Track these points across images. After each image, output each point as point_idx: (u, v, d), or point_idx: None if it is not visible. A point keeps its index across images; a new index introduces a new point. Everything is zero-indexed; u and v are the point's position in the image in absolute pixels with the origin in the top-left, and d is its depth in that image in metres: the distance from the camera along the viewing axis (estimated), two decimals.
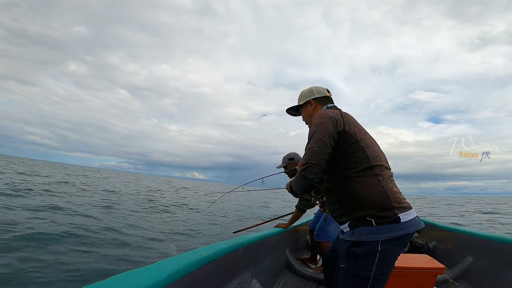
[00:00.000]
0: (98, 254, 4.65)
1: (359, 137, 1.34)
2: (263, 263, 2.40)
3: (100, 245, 5.06)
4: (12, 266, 3.56)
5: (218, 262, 1.56)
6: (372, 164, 1.30)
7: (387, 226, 1.19)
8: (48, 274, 3.51)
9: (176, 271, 1.11)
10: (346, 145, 1.32)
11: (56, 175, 24.71)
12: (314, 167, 1.27)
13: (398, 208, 1.22)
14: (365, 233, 1.21)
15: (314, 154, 1.28)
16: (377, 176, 1.28)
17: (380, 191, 1.25)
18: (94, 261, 4.29)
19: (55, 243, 4.66)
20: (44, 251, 4.25)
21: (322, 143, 1.29)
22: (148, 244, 5.65)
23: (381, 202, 1.22)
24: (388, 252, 1.21)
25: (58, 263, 3.90)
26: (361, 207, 1.24)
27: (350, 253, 1.24)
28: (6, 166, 28.45)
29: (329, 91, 1.65)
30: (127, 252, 5.01)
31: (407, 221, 1.22)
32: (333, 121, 1.35)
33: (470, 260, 2.77)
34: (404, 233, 1.20)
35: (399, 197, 1.27)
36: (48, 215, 6.83)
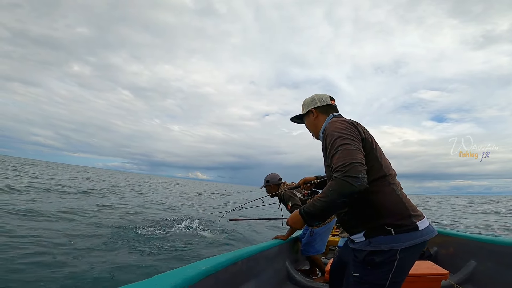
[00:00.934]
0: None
1: (374, 145, 1.32)
2: (264, 275, 2.36)
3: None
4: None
5: (217, 276, 1.52)
6: (385, 173, 1.28)
7: (407, 234, 1.19)
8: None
9: (173, 286, 1.07)
10: (367, 153, 1.26)
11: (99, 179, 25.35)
12: (362, 165, 1.14)
13: (414, 216, 1.22)
14: (384, 242, 1.19)
15: (355, 153, 1.16)
16: (391, 185, 1.27)
17: (397, 200, 1.24)
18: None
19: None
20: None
21: (356, 142, 1.21)
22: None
23: (399, 211, 1.22)
24: (406, 260, 1.21)
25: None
26: (379, 216, 1.22)
27: (368, 261, 1.22)
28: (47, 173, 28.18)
29: (332, 99, 1.59)
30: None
31: (424, 228, 1.22)
32: (355, 126, 1.31)
33: (473, 264, 2.74)
34: (422, 241, 1.20)
35: (413, 205, 1.27)
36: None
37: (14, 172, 21.66)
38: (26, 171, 25.17)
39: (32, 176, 20.30)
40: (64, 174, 31.59)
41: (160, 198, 16.86)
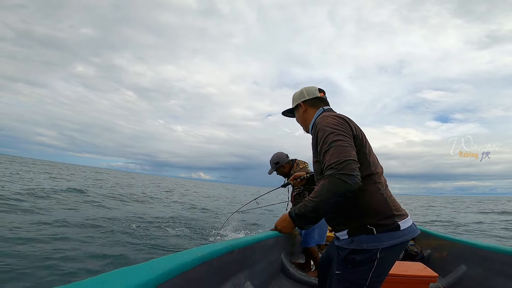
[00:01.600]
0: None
1: (363, 142, 1.28)
2: (258, 266, 2.39)
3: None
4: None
5: (212, 263, 1.54)
6: (372, 172, 1.26)
7: (388, 234, 1.18)
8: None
9: (169, 270, 1.09)
10: (357, 150, 1.23)
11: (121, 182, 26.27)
12: (355, 162, 1.11)
13: (397, 216, 1.21)
14: (366, 241, 1.19)
15: (348, 150, 1.13)
16: (377, 184, 1.25)
17: (381, 199, 1.23)
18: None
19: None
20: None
21: (348, 139, 1.18)
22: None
23: (382, 211, 1.21)
24: (386, 259, 1.20)
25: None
26: (362, 215, 1.21)
27: (349, 260, 1.22)
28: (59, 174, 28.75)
29: (321, 91, 1.53)
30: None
31: (406, 228, 1.21)
32: (346, 121, 1.27)
33: (463, 269, 2.77)
34: (403, 240, 1.20)
35: (397, 204, 1.26)
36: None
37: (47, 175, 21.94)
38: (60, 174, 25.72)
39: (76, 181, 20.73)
40: (87, 176, 32.21)
41: (194, 201, 17.00)
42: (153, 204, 13.23)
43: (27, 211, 7.18)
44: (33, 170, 28.62)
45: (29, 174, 21.47)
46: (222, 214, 11.74)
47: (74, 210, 8.24)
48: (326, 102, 1.54)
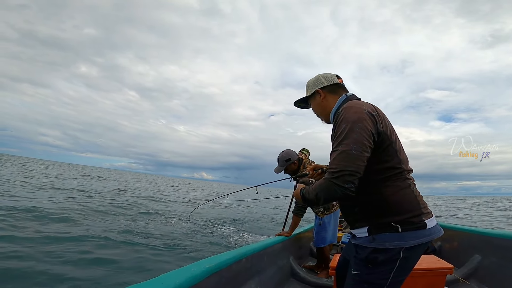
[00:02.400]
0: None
1: (393, 138, 1.20)
2: (267, 272, 2.36)
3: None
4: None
5: (221, 274, 1.53)
6: (403, 168, 1.19)
7: (413, 232, 1.12)
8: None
9: (179, 284, 1.09)
10: (382, 147, 1.16)
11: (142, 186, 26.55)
12: (352, 175, 1.07)
13: (425, 214, 1.16)
14: (389, 240, 1.12)
15: (352, 159, 1.07)
16: (408, 181, 1.19)
17: (411, 196, 1.17)
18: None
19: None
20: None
21: (362, 145, 1.09)
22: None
23: (411, 208, 1.14)
24: (409, 259, 1.15)
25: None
26: (388, 212, 1.14)
27: (370, 260, 1.15)
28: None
29: (339, 77, 1.43)
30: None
31: (432, 227, 1.16)
32: (372, 118, 1.14)
33: (478, 258, 2.74)
34: (428, 240, 1.14)
35: (425, 203, 1.21)
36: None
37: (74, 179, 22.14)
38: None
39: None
40: (115, 179, 32.64)
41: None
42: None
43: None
44: (65, 173, 29.35)
45: (82, 179, 21.98)
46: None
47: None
48: (345, 88, 1.42)
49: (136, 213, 8.95)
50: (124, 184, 23.88)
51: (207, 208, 11.74)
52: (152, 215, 9.10)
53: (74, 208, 7.96)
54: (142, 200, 12.89)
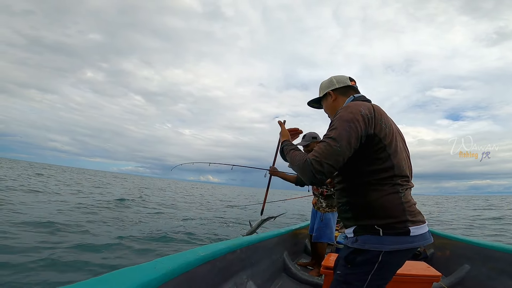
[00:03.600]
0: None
1: (388, 142, 1.18)
2: (260, 265, 2.40)
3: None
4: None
5: (215, 263, 1.56)
6: (395, 174, 1.17)
7: (394, 237, 1.11)
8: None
9: (172, 269, 1.11)
10: (373, 149, 1.17)
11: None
12: (328, 169, 1.10)
13: (410, 222, 1.14)
14: (369, 242, 1.13)
15: (333, 154, 1.10)
16: (396, 186, 1.17)
17: (397, 203, 1.15)
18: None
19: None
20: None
21: (347, 143, 1.11)
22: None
23: (394, 214, 1.13)
24: (388, 264, 1.14)
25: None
26: (373, 215, 1.15)
27: (349, 260, 1.17)
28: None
29: (352, 80, 1.47)
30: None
31: (417, 235, 1.13)
32: (365, 120, 1.16)
33: (467, 268, 2.76)
34: (410, 247, 1.13)
35: (415, 211, 1.19)
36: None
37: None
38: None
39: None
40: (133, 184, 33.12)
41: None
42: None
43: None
44: (96, 180, 30.47)
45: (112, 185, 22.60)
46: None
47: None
48: (357, 90, 1.46)
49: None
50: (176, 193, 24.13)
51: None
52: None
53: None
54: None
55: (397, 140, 1.23)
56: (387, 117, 1.25)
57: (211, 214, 10.79)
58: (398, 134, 1.27)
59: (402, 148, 1.25)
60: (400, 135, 1.30)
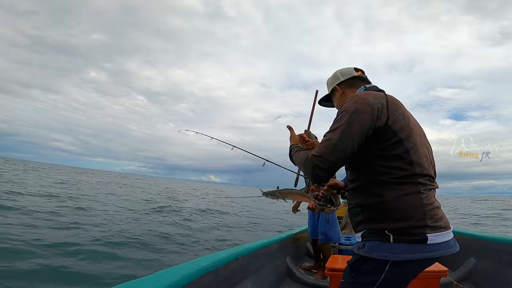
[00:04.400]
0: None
1: (405, 135, 1.04)
2: (264, 272, 2.38)
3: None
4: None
5: (218, 272, 1.54)
6: (415, 172, 1.02)
7: (407, 245, 0.96)
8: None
9: (175, 282, 1.10)
10: (386, 143, 1.03)
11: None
12: (328, 165, 1.02)
13: (430, 228, 0.97)
14: (376, 249, 0.99)
15: (334, 150, 1.02)
16: (418, 186, 1.01)
17: (416, 204, 0.99)
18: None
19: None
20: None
21: (348, 138, 1.01)
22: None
23: (412, 216, 0.98)
24: (398, 275, 1.00)
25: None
26: (386, 218, 1.01)
27: (354, 268, 1.06)
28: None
29: (358, 70, 1.35)
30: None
31: (437, 243, 0.96)
32: (373, 111, 1.03)
33: (473, 262, 2.76)
34: (427, 257, 0.97)
35: (438, 215, 1.01)
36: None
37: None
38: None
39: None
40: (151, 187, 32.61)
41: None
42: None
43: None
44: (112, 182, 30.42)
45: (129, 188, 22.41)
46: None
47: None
48: (367, 80, 1.34)
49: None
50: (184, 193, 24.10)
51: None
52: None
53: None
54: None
55: (416, 135, 1.08)
56: (404, 108, 1.11)
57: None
58: (418, 128, 1.12)
59: (422, 144, 1.10)
60: (421, 130, 1.16)
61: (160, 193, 21.82)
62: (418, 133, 1.10)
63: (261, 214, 13.40)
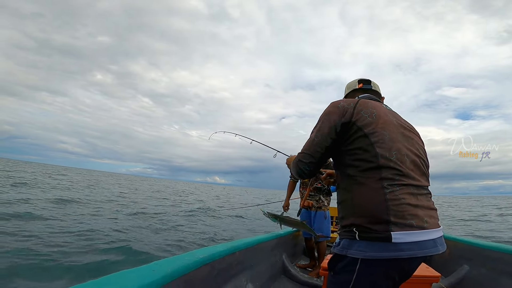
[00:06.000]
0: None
1: (369, 130, 1.06)
2: (259, 267, 2.39)
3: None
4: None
5: (213, 265, 1.55)
6: (380, 164, 1.01)
7: (370, 243, 0.94)
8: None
9: (171, 272, 1.10)
10: (350, 139, 1.09)
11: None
12: (308, 159, 1.19)
13: (396, 224, 0.93)
14: (348, 247, 1.00)
15: (311, 145, 1.19)
16: (383, 181, 0.99)
17: (377, 199, 0.97)
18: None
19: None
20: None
21: (322, 134, 1.15)
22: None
23: (372, 213, 0.96)
24: (370, 275, 0.97)
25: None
26: (352, 214, 1.02)
27: (330, 266, 1.08)
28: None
29: (361, 82, 1.43)
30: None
31: (404, 242, 0.92)
32: (340, 110, 1.14)
33: (466, 269, 2.76)
34: (392, 257, 0.92)
35: (406, 212, 0.95)
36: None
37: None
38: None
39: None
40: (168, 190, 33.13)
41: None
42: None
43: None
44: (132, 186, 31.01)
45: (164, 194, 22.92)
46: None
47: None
48: (366, 90, 1.41)
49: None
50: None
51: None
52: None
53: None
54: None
55: (388, 130, 1.08)
56: (376, 109, 1.14)
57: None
58: (393, 126, 1.12)
59: (395, 139, 1.07)
60: (400, 127, 1.15)
61: (189, 196, 22.73)
62: (391, 130, 1.09)
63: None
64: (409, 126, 1.21)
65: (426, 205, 1.03)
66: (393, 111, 1.26)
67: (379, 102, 1.29)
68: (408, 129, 1.18)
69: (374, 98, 1.33)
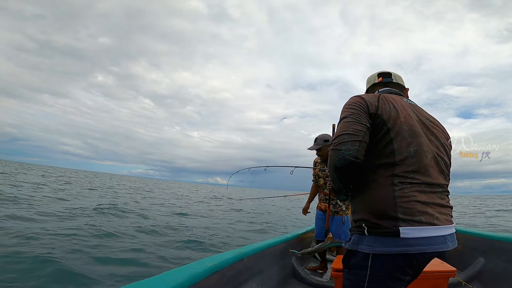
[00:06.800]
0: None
1: (392, 124, 1.04)
2: (269, 272, 2.37)
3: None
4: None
5: (223, 272, 1.55)
6: (393, 161, 1.00)
7: (378, 238, 0.94)
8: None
9: (181, 282, 1.10)
10: (376, 132, 1.05)
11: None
12: (349, 138, 0.98)
13: (404, 221, 0.93)
14: (357, 242, 1.00)
15: (350, 125, 1.02)
16: (394, 178, 0.98)
17: (388, 196, 0.97)
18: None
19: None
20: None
21: (359, 115, 1.03)
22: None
23: (381, 208, 0.97)
24: (381, 271, 0.96)
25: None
26: (361, 209, 1.03)
27: (344, 263, 1.07)
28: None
29: (380, 75, 1.37)
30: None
31: (412, 238, 0.91)
32: (364, 101, 1.08)
33: (481, 261, 2.72)
34: (402, 252, 0.92)
35: (415, 208, 0.95)
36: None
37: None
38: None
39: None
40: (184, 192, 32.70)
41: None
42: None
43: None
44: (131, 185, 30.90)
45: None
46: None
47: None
48: (387, 83, 1.35)
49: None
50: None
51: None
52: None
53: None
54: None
55: (409, 125, 1.06)
56: (396, 102, 1.11)
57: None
58: (415, 120, 1.09)
59: (419, 134, 1.06)
60: (423, 121, 1.13)
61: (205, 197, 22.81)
62: (412, 124, 1.07)
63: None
64: (432, 121, 1.17)
65: (437, 203, 1.01)
66: (415, 105, 1.22)
67: (400, 96, 1.23)
68: (430, 124, 1.15)
69: (395, 92, 1.27)
